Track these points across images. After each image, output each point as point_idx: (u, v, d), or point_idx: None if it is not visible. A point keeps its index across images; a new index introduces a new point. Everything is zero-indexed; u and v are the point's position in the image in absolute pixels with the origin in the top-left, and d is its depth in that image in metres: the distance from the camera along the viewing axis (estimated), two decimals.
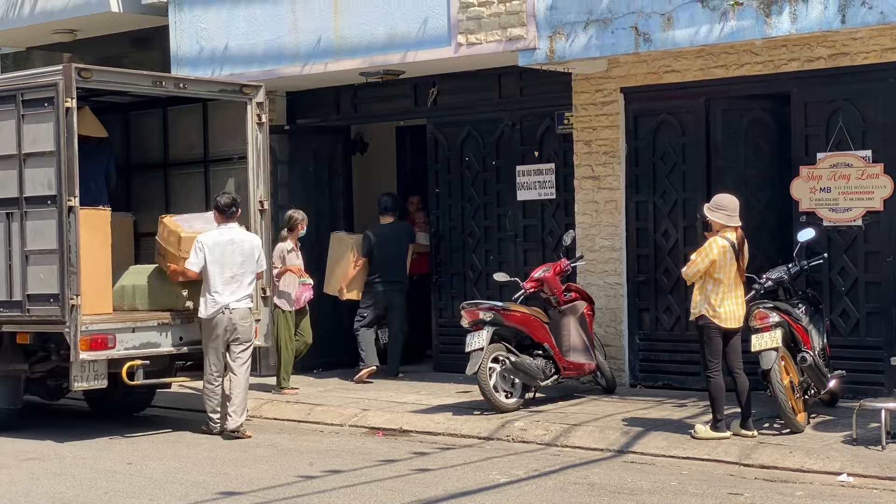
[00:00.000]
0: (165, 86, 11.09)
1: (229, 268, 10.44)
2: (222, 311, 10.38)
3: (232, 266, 10.44)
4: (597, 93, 11.85)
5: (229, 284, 10.41)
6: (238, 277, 10.45)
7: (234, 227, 10.59)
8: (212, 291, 10.38)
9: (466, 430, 10.31)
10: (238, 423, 10.43)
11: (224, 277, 10.40)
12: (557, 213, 12.44)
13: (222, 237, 10.49)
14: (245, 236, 10.63)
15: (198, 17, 13.41)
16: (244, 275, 10.49)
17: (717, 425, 9.33)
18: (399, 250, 12.99)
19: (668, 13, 10.30)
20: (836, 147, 10.58)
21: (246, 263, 10.50)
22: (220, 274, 10.39)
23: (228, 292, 10.39)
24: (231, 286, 10.41)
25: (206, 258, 10.37)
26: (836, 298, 10.66)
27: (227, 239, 10.48)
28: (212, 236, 10.48)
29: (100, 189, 12.00)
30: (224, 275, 10.40)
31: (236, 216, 10.62)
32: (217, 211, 10.59)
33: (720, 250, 9.26)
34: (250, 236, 10.72)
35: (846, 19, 9.49)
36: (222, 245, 10.45)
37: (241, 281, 10.47)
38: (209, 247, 10.40)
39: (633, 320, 11.80)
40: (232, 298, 10.40)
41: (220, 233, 10.53)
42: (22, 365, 10.82)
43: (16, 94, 10.36)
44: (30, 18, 14.65)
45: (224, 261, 10.42)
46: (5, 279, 10.45)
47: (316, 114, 14.16)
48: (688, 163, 11.48)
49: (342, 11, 12.35)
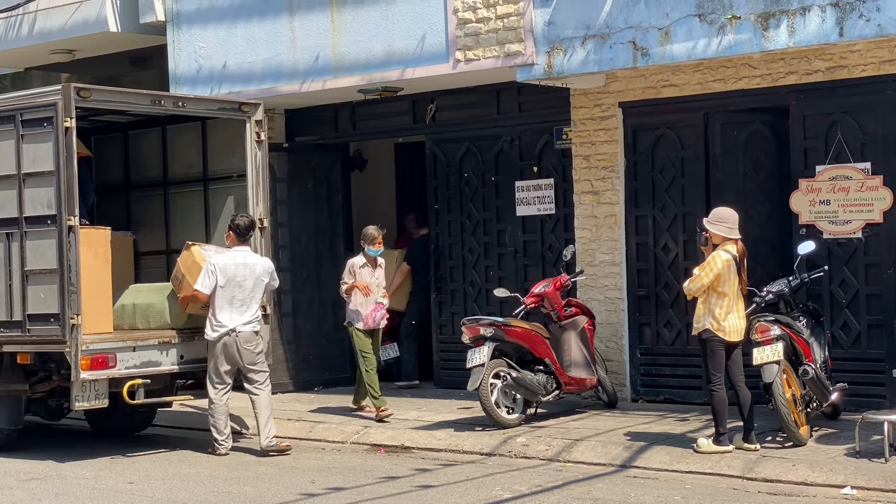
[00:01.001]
0: (164, 104, 11.11)
1: (239, 291, 10.40)
2: (228, 334, 10.36)
3: (242, 290, 10.41)
4: (595, 107, 11.87)
5: (237, 308, 10.38)
6: (246, 301, 10.42)
7: (247, 250, 10.59)
8: (218, 314, 10.36)
9: (468, 446, 10.29)
10: (269, 440, 10.40)
11: (233, 301, 10.37)
12: (557, 229, 12.45)
13: (235, 260, 10.45)
14: (257, 260, 10.61)
15: (196, 36, 13.44)
16: (253, 299, 10.46)
17: (719, 439, 9.32)
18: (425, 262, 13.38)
19: (666, 27, 10.32)
20: (835, 160, 10.59)
21: (256, 287, 10.47)
22: (228, 297, 10.36)
23: (236, 315, 10.36)
24: (239, 309, 10.38)
25: (218, 281, 10.33)
26: (836, 311, 10.66)
27: (239, 262, 10.45)
28: (224, 259, 10.46)
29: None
30: (234, 298, 10.38)
31: (250, 240, 10.61)
32: (234, 232, 10.57)
33: (724, 264, 9.26)
34: (262, 260, 10.68)
35: (844, 32, 9.51)
36: (234, 268, 10.41)
37: (249, 305, 10.44)
38: (221, 269, 10.37)
39: (634, 335, 11.80)
40: (239, 321, 10.36)
41: (233, 256, 10.50)
42: (23, 385, 10.80)
43: (15, 115, 10.37)
44: (28, 39, 14.67)
45: (234, 284, 10.38)
46: (5, 299, 10.43)
47: (315, 131, 14.17)
48: (687, 177, 11.49)
49: (340, 29, 12.38)
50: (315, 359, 13.66)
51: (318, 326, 13.74)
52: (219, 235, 12.12)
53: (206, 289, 10.37)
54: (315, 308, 13.74)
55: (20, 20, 14.59)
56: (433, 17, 11.71)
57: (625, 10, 10.51)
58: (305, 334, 13.58)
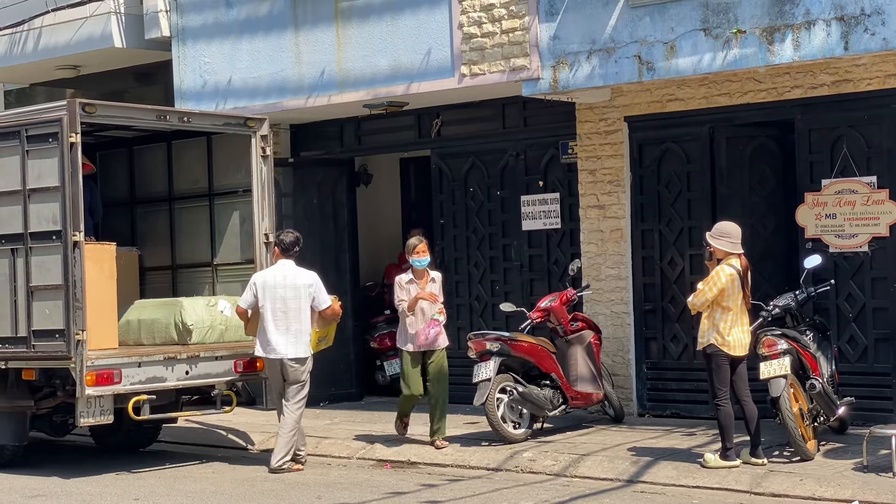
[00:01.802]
0: (170, 120, 11.12)
1: (280, 304, 10.29)
2: (274, 354, 10.30)
3: (283, 303, 10.28)
4: (601, 122, 11.86)
5: (281, 322, 10.26)
6: (290, 315, 10.27)
7: (289, 264, 10.43)
8: (266, 331, 10.29)
9: (475, 461, 10.25)
10: (277, 462, 10.19)
11: (276, 315, 10.27)
12: (563, 243, 12.43)
13: (276, 275, 10.39)
14: (298, 272, 10.41)
15: (201, 51, 13.46)
16: (297, 311, 10.29)
17: (726, 454, 9.28)
18: None
19: (671, 42, 10.32)
20: (841, 173, 10.58)
21: (298, 300, 10.30)
22: (271, 312, 10.27)
23: (281, 331, 10.25)
24: (283, 323, 10.25)
25: (258, 296, 10.29)
26: (843, 325, 10.63)
27: (280, 276, 10.36)
28: (264, 274, 10.48)
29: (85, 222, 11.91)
30: (276, 311, 10.28)
31: (294, 255, 10.48)
32: (279, 247, 10.53)
33: (728, 278, 9.24)
34: (304, 273, 10.44)
35: (849, 46, 9.51)
36: (273, 281, 10.34)
37: (295, 320, 10.27)
38: (259, 285, 10.34)
39: (641, 349, 11.77)
40: (283, 341, 10.25)
41: (274, 271, 10.46)
42: (28, 401, 10.78)
43: (20, 130, 10.37)
44: (33, 55, 14.70)
45: (275, 298, 10.29)
46: (11, 315, 10.42)
47: (320, 146, 14.18)
48: (693, 191, 11.48)
49: (345, 44, 12.39)
50: (321, 374, 13.50)
51: None
52: (224, 250, 12.15)
53: (244, 304, 10.39)
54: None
55: (25, 36, 14.62)
56: (438, 31, 11.73)
57: (630, 24, 10.51)
58: None
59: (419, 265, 10.69)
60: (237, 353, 11.01)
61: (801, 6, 9.66)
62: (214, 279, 12.25)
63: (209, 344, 10.98)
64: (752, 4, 9.89)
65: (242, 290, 11.54)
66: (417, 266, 10.70)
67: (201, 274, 12.39)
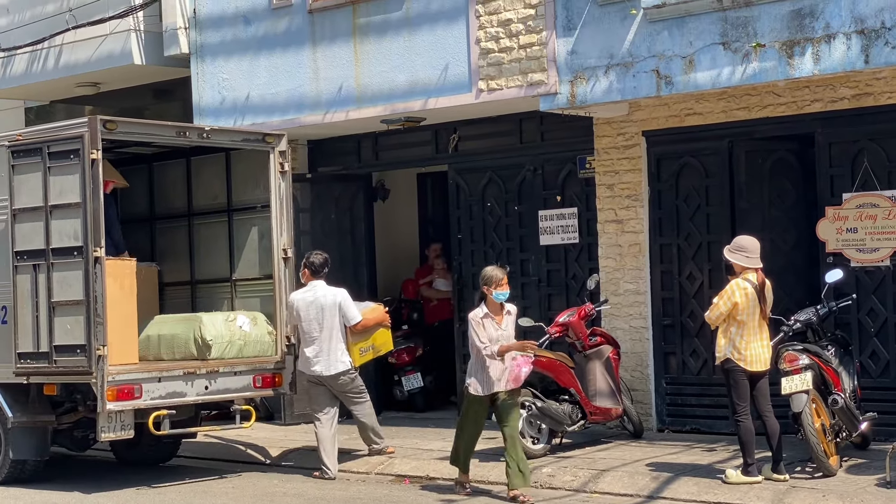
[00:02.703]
0: (189, 136, 11.16)
1: (307, 325, 10.74)
2: (312, 374, 10.78)
3: (310, 323, 10.73)
4: (619, 136, 11.86)
5: (315, 340, 10.72)
6: (321, 332, 10.70)
7: (320, 284, 10.85)
8: (304, 348, 10.79)
9: (494, 476, 10.22)
10: (380, 445, 11.00)
11: (310, 333, 10.73)
12: (581, 258, 12.41)
13: (305, 296, 10.83)
14: (327, 291, 10.82)
15: (219, 68, 13.51)
16: (329, 329, 10.69)
17: (748, 469, 9.24)
18: None
19: (690, 56, 10.32)
20: (862, 187, 10.54)
21: (326, 318, 10.70)
22: (305, 331, 10.76)
23: (314, 350, 10.72)
24: (317, 342, 10.71)
25: (296, 315, 10.77)
26: (865, 339, 10.58)
27: (311, 297, 10.79)
28: (298, 295, 10.91)
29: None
30: (310, 332, 10.73)
31: (323, 275, 10.89)
32: (308, 269, 10.90)
33: (742, 292, 9.21)
34: (332, 292, 10.83)
35: (869, 59, 9.49)
36: (304, 304, 10.78)
37: (325, 338, 10.69)
38: (294, 305, 10.84)
39: (660, 364, 11.73)
40: (318, 360, 10.72)
41: (305, 291, 10.87)
42: (49, 416, 10.81)
43: (42, 147, 10.43)
44: (54, 72, 14.78)
45: (305, 319, 10.74)
46: (32, 330, 10.46)
47: (337, 162, 14.21)
48: (711, 205, 11.46)
49: (363, 59, 12.42)
50: None
51: None
52: (243, 266, 12.18)
53: (292, 322, 11.01)
54: None
55: (46, 54, 14.71)
56: (456, 47, 11.75)
57: (648, 38, 10.52)
58: None
59: (501, 299, 9.57)
60: (256, 369, 11.04)
61: (820, 20, 9.65)
62: (233, 294, 12.27)
63: (228, 359, 11.00)
64: (772, 18, 9.88)
65: (261, 306, 11.70)
66: (500, 300, 9.57)
67: (220, 289, 12.41)
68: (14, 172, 10.58)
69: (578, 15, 10.92)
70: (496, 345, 9.39)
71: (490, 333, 9.46)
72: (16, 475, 10.80)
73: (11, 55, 14.97)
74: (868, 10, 9.46)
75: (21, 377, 10.58)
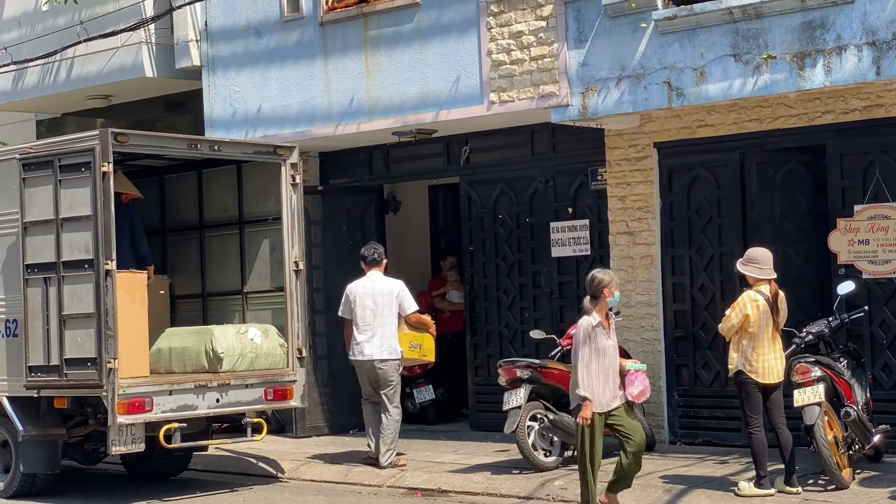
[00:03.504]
0: (200, 148, 11.18)
1: (369, 311, 11.19)
2: (362, 357, 11.19)
3: (365, 310, 11.19)
4: (630, 148, 11.84)
5: (367, 327, 11.17)
6: (374, 319, 11.16)
7: (377, 274, 11.35)
8: (356, 336, 11.24)
9: (506, 489, 10.20)
10: (386, 460, 11.19)
11: (363, 320, 11.19)
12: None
13: (365, 285, 11.31)
14: (384, 282, 11.32)
15: (231, 80, 13.54)
16: (384, 317, 11.17)
17: (760, 482, 9.20)
18: None
19: (701, 67, 10.30)
20: (874, 199, 10.51)
21: (384, 307, 11.18)
22: (359, 318, 11.21)
23: (367, 337, 11.18)
24: (369, 328, 11.17)
25: (351, 302, 11.22)
26: (878, 351, 10.53)
27: (369, 286, 11.29)
28: (355, 285, 11.37)
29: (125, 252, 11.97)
30: (363, 317, 11.19)
31: (380, 265, 11.38)
32: (363, 262, 11.41)
33: (753, 304, 9.17)
34: (390, 282, 11.32)
35: (881, 71, 9.46)
36: (363, 292, 11.26)
37: (380, 326, 11.17)
38: (350, 294, 11.29)
39: (672, 376, 11.69)
40: (371, 345, 11.18)
41: (363, 281, 11.35)
42: (60, 429, 10.81)
43: (53, 160, 10.45)
44: (65, 84, 14.83)
45: (360, 305, 11.20)
46: (43, 343, 10.47)
47: (349, 174, 14.21)
48: (723, 217, 11.42)
49: (374, 72, 12.43)
50: (350, 402, 13.54)
51: (352, 369, 13.67)
52: (254, 278, 12.18)
53: (343, 313, 11.39)
54: None
55: (58, 66, 14.76)
56: (467, 59, 11.75)
57: (659, 50, 10.50)
58: (341, 377, 13.53)
59: (616, 302, 8.91)
60: (267, 381, 11.04)
61: (832, 31, 9.63)
62: (245, 307, 12.28)
63: (240, 372, 11.00)
64: (783, 30, 9.86)
65: (273, 318, 11.70)
66: (615, 304, 8.88)
67: (231, 302, 12.43)
68: (25, 185, 10.61)
69: (590, 27, 10.91)
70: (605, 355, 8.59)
71: (601, 343, 8.59)
72: (26, 489, 10.81)
73: (23, 68, 15.01)
74: (879, 22, 9.43)
75: (32, 390, 10.59)
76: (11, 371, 10.77)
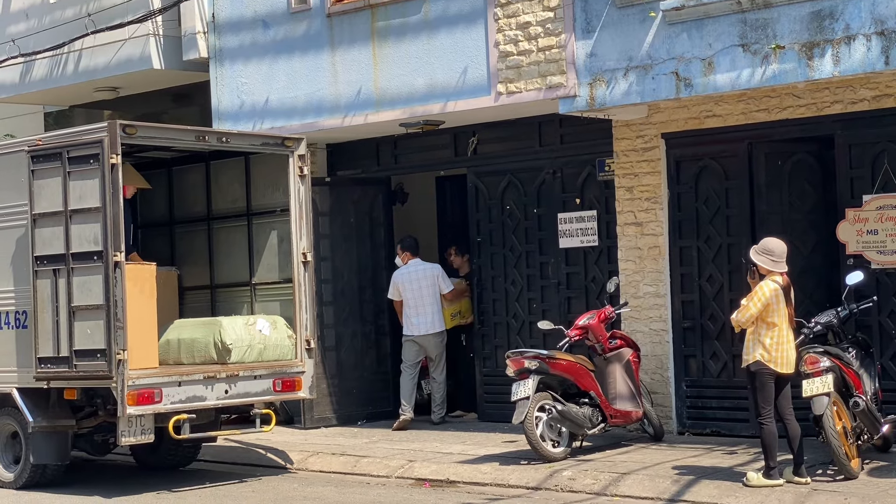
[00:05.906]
0: (208, 140, 11.18)
1: (417, 293, 12.98)
2: (417, 332, 13.00)
3: (411, 293, 12.99)
4: (638, 139, 11.83)
5: (414, 308, 12.97)
6: (420, 302, 12.96)
7: (417, 261, 13.14)
8: (408, 315, 13.01)
9: (514, 479, 10.22)
10: (440, 416, 13.11)
11: (409, 303, 12.98)
12: (600, 260, 12.39)
13: (409, 271, 13.08)
14: (426, 266, 13.15)
15: (238, 72, 13.55)
16: (429, 297, 12.97)
17: (769, 472, 9.20)
18: None
19: (709, 58, 10.29)
20: (882, 189, 10.49)
21: (424, 289, 12.98)
22: (411, 299, 13.00)
23: (415, 316, 12.97)
24: (415, 309, 12.97)
25: (399, 289, 13.02)
26: (886, 342, 10.53)
27: (413, 271, 13.07)
28: (401, 272, 13.13)
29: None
30: (409, 300, 12.98)
31: (417, 253, 13.15)
32: (408, 251, 13.13)
33: (772, 293, 9.13)
34: (430, 266, 13.17)
35: (890, 61, 9.43)
36: (409, 277, 13.04)
37: (425, 306, 12.96)
38: (396, 281, 13.10)
39: (680, 367, 11.70)
40: (421, 321, 12.97)
41: (408, 268, 13.10)
42: (69, 420, 10.84)
43: (62, 152, 10.46)
44: (73, 77, 14.84)
45: (412, 289, 12.99)
46: (53, 335, 10.49)
47: (356, 165, 14.22)
48: (731, 207, 11.42)
49: (382, 63, 12.43)
50: (358, 393, 13.64)
51: (361, 360, 13.73)
52: (262, 270, 12.19)
53: (391, 296, 13.25)
54: (358, 342, 13.73)
55: (66, 59, 14.77)
56: (475, 50, 11.75)
57: (667, 41, 10.49)
58: (348, 368, 13.58)
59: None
60: (276, 372, 11.05)
61: (840, 21, 9.61)
62: (253, 298, 12.29)
63: (248, 363, 11.01)
64: (791, 20, 9.84)
65: (281, 310, 11.77)
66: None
67: (240, 293, 12.44)
68: (34, 177, 10.62)
69: (597, 17, 10.90)
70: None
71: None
72: (36, 479, 10.85)
73: (31, 60, 15.03)
74: (888, 12, 9.41)
75: (41, 382, 10.62)
76: (21, 363, 10.80)
